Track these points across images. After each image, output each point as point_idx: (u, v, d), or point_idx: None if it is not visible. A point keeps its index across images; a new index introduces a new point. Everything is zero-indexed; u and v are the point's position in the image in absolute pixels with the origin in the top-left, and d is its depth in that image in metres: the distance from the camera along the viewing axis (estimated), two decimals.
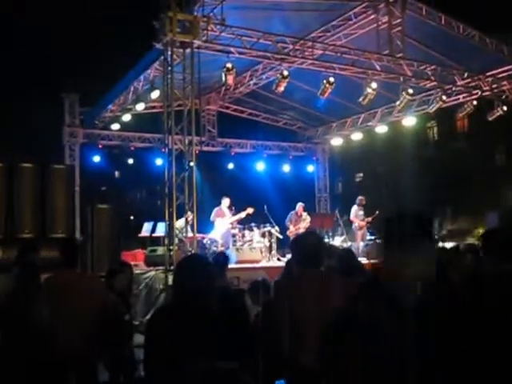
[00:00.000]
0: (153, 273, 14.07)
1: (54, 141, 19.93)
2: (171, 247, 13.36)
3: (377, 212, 18.91)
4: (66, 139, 19.55)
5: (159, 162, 20.00)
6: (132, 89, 17.23)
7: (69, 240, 10.50)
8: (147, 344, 4.39)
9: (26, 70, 19.58)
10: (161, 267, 13.78)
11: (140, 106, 17.03)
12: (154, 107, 18.59)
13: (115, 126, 19.44)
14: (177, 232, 13.80)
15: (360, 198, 19.19)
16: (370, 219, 18.90)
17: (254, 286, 7.54)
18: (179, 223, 14.29)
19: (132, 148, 20.53)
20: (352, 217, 18.94)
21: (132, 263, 10.97)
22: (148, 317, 12.83)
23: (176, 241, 13.66)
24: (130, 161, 20.85)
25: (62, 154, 19.50)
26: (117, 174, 25.35)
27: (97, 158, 20.19)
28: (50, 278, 6.61)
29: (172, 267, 12.86)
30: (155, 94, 15.88)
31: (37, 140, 19.31)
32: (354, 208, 18.97)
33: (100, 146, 20.20)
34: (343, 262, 7.74)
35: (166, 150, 13.46)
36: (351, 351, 2.82)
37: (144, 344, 4.45)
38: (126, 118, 18.36)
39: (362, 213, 18.88)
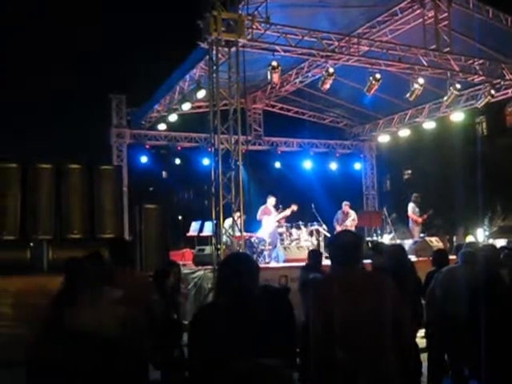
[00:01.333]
0: (201, 272, 14.08)
1: (101, 141, 20.17)
2: (219, 246, 13.38)
3: (431, 210, 18.73)
4: (114, 140, 19.79)
5: (206, 161, 20.12)
6: (178, 89, 17.32)
7: (119, 239, 10.57)
8: (191, 342, 4.39)
9: (74, 71, 19.85)
10: (209, 266, 13.81)
11: (186, 106, 17.08)
12: (200, 107, 18.66)
13: (162, 126, 19.56)
14: (224, 231, 13.82)
15: (415, 195, 19.04)
16: (425, 217, 18.71)
17: (304, 285, 7.50)
18: (227, 222, 14.31)
19: (179, 148, 20.63)
20: (410, 213, 18.77)
21: (180, 262, 11.00)
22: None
23: (224, 240, 13.68)
24: (177, 161, 20.95)
25: (110, 155, 19.73)
26: (164, 174, 25.52)
27: (144, 159, 20.37)
28: None
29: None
30: (201, 94, 15.93)
31: (84, 141, 19.57)
32: (411, 205, 18.81)
33: (147, 147, 20.38)
34: (392, 259, 7.65)
35: (213, 149, 13.47)
36: None
37: (188, 343, 4.45)
38: (173, 117, 18.45)
39: (418, 210, 18.72)
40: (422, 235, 18.56)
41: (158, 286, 7.23)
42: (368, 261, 8.82)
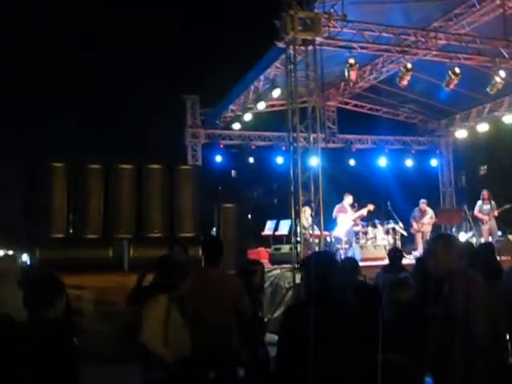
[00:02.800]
0: (278, 271, 14.13)
1: (176, 142, 20.47)
2: (298, 245, 13.37)
3: (508, 205, 18.20)
4: (189, 140, 20.07)
5: (279, 160, 20.25)
6: (252, 88, 17.41)
7: (213, 238, 10.70)
8: (280, 341, 4.42)
9: (150, 74, 20.26)
10: (286, 265, 13.86)
11: (261, 105, 17.20)
12: (272, 105, 18.70)
13: (236, 126, 19.71)
14: (302, 230, 13.80)
15: (483, 192, 18.54)
16: (496, 213, 18.18)
17: (393, 284, 7.36)
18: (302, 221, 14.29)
19: (253, 147, 20.75)
20: (475, 211, 18.32)
21: None
22: (276, 315, 12.97)
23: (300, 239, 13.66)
24: (250, 160, 21.00)
25: (185, 155, 20.01)
26: (233, 173, 25.65)
27: (218, 158, 20.58)
28: (194, 275, 6.75)
29: (298, 265, 12.88)
30: (276, 93, 16.02)
31: (160, 141, 19.94)
32: (478, 202, 18.36)
33: (221, 146, 20.58)
34: (481, 260, 7.41)
35: (291, 147, 13.45)
36: None
37: (279, 341, 4.47)
38: (247, 117, 18.58)
39: (487, 207, 18.18)
40: (499, 233, 18.08)
41: (245, 285, 7.27)
42: None
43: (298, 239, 13.50)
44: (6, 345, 4.05)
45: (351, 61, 14.07)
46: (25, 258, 12.88)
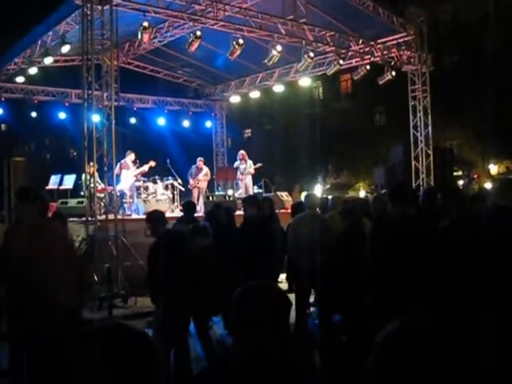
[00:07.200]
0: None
1: None
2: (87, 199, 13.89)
3: (258, 164, 19.96)
4: None
5: (61, 115, 20.33)
6: (40, 42, 17.17)
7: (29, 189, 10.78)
8: None
9: None
10: (75, 218, 14.36)
11: (48, 60, 16.95)
12: (57, 61, 18.56)
13: (20, 79, 19.18)
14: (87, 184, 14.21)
15: (240, 152, 20.16)
16: (252, 171, 19.84)
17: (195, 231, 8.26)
18: (84, 176, 14.68)
19: (35, 101, 20.39)
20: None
21: None
22: None
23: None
24: (32, 114, 20.67)
25: None
26: (4, 126, 24.96)
27: None
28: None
29: (90, 218, 13.39)
30: (65, 49, 16.00)
31: None
32: (236, 163, 19.97)
33: (2, 99, 20.00)
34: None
35: (85, 104, 13.70)
36: None
37: None
38: (33, 71, 18.16)
39: (243, 166, 19.73)
40: (256, 188, 19.93)
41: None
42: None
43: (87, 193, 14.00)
44: None
45: (145, 24, 14.55)
46: None
